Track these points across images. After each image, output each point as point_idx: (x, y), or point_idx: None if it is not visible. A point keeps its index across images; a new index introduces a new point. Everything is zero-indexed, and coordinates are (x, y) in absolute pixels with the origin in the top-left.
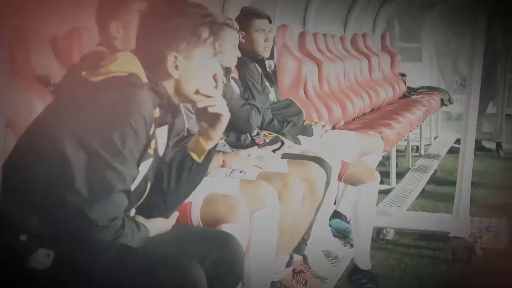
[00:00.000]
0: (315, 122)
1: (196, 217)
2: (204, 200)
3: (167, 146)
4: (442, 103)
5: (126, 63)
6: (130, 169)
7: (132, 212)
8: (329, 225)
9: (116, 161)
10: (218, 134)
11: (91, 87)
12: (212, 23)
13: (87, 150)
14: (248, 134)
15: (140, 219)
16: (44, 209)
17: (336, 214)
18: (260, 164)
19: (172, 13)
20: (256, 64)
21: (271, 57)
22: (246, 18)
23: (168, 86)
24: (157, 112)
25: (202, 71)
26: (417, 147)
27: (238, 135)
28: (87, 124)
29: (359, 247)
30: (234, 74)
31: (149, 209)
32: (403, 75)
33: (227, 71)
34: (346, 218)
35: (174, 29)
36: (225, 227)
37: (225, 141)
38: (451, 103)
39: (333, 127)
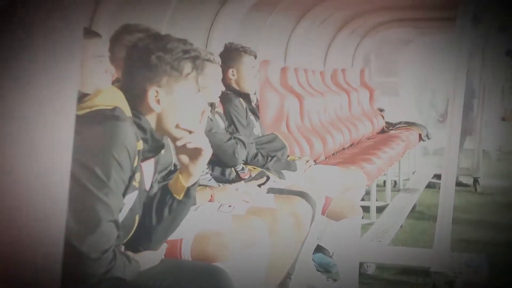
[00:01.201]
0: (299, 157)
1: (186, 254)
2: (194, 237)
3: (154, 180)
4: (420, 138)
5: (111, 97)
6: (116, 200)
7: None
8: (312, 259)
9: (102, 192)
10: (198, 170)
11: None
12: (195, 58)
13: (72, 182)
14: (233, 169)
15: (129, 253)
16: None
17: (318, 249)
18: (247, 199)
19: (154, 47)
20: (240, 99)
21: None
22: (235, 55)
23: (151, 120)
24: (140, 145)
25: (185, 106)
26: (396, 182)
27: (223, 169)
28: (75, 157)
29: (345, 283)
30: (219, 108)
31: (136, 244)
32: (381, 110)
33: (211, 105)
34: (329, 253)
35: (156, 63)
36: None
37: (210, 175)
38: (429, 139)
39: (314, 162)
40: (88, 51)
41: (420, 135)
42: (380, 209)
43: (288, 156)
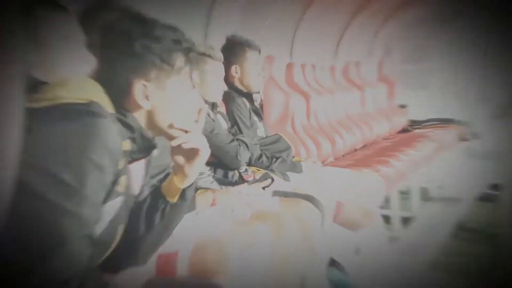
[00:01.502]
0: (305, 159)
1: (182, 269)
2: (192, 250)
3: (145, 183)
4: (462, 138)
5: (85, 90)
6: (92, 209)
7: None
8: (328, 276)
9: (71, 202)
10: (195, 171)
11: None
12: (188, 51)
13: (31, 195)
14: (236, 171)
15: (105, 276)
16: None
17: (332, 262)
18: (251, 202)
19: (137, 32)
20: (243, 99)
21: None
22: (238, 50)
23: (140, 117)
24: (126, 145)
25: (178, 104)
26: (426, 190)
27: (226, 171)
28: (29, 162)
29: None
30: (221, 108)
31: (117, 260)
32: (403, 106)
33: (213, 105)
34: (343, 267)
35: (140, 53)
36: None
37: (212, 177)
38: (476, 138)
39: (322, 164)
40: (54, 30)
41: (461, 134)
42: (406, 221)
43: (293, 157)
